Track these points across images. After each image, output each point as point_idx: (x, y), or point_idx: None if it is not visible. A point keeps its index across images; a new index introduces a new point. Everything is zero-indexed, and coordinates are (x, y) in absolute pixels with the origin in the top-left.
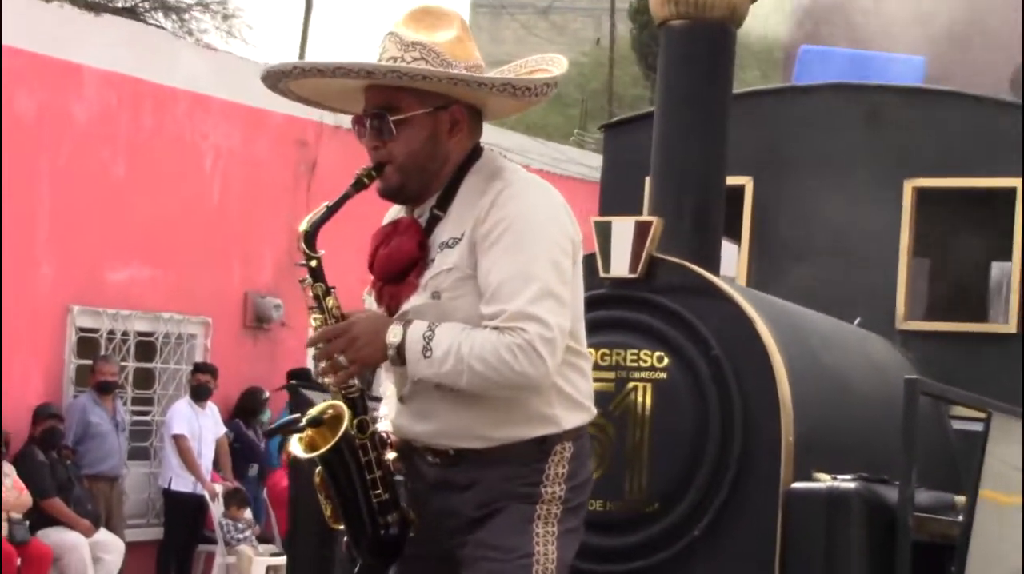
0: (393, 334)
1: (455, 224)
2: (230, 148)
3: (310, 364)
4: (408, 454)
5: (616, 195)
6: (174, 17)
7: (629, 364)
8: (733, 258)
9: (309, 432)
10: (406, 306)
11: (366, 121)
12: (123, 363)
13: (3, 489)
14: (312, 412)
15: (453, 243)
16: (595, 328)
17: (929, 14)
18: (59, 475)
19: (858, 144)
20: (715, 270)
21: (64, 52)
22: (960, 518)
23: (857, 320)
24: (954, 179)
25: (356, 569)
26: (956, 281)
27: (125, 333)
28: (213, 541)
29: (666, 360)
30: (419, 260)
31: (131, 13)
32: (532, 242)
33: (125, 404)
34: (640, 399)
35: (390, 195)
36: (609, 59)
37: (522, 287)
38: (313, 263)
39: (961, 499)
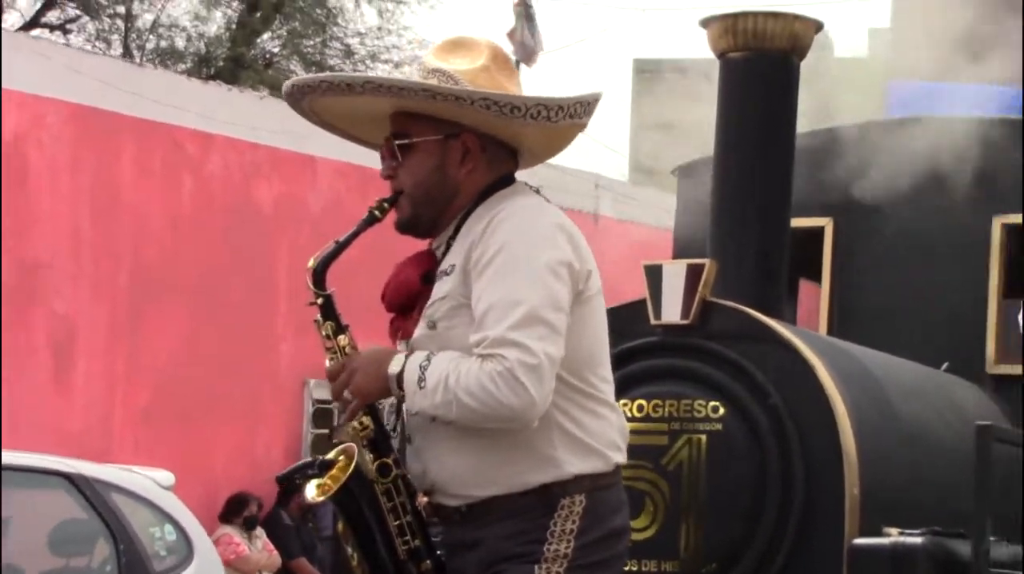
0: (395, 364)
1: (455, 252)
2: None
3: None
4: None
5: (691, 241)
6: None
7: (682, 415)
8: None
9: (327, 480)
10: (413, 339)
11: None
12: None
13: (255, 550)
14: (328, 456)
15: (450, 270)
16: (646, 378)
17: None
18: (304, 537)
19: (944, 180)
20: (779, 314)
21: (299, 146)
22: None
23: (944, 365)
24: None
25: None
26: None
27: None
28: None
29: (721, 410)
30: (422, 292)
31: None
32: (521, 266)
33: None
34: (695, 452)
35: (404, 228)
36: None
37: (506, 313)
38: (321, 301)
39: None
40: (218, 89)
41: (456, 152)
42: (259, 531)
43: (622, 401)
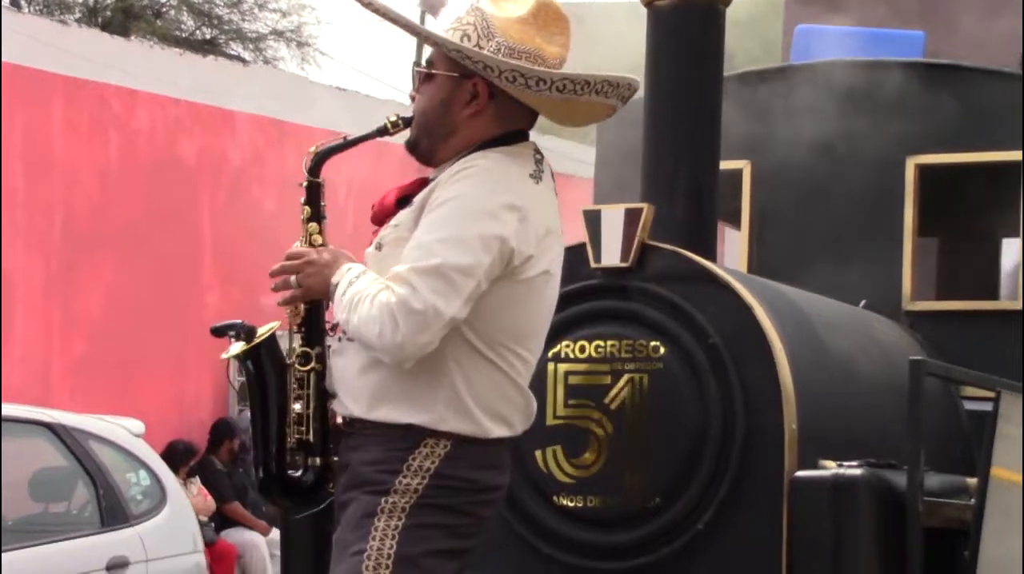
0: (338, 274)
1: (428, 188)
2: (361, 179)
3: None
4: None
5: (611, 190)
6: (251, 46)
7: (624, 355)
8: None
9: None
10: (365, 253)
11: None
12: None
13: (191, 495)
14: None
15: (414, 203)
16: (588, 320)
17: None
18: (236, 481)
19: (858, 122)
20: (712, 256)
21: (219, 100)
22: (973, 501)
23: (862, 302)
24: (957, 155)
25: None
26: (967, 260)
27: None
28: None
29: (662, 350)
30: (393, 212)
31: (211, 44)
32: (457, 224)
33: None
34: (637, 391)
35: (407, 148)
36: None
37: (420, 257)
38: (306, 184)
39: (974, 481)
40: (140, 46)
41: (464, 93)
42: (194, 477)
43: (565, 342)
